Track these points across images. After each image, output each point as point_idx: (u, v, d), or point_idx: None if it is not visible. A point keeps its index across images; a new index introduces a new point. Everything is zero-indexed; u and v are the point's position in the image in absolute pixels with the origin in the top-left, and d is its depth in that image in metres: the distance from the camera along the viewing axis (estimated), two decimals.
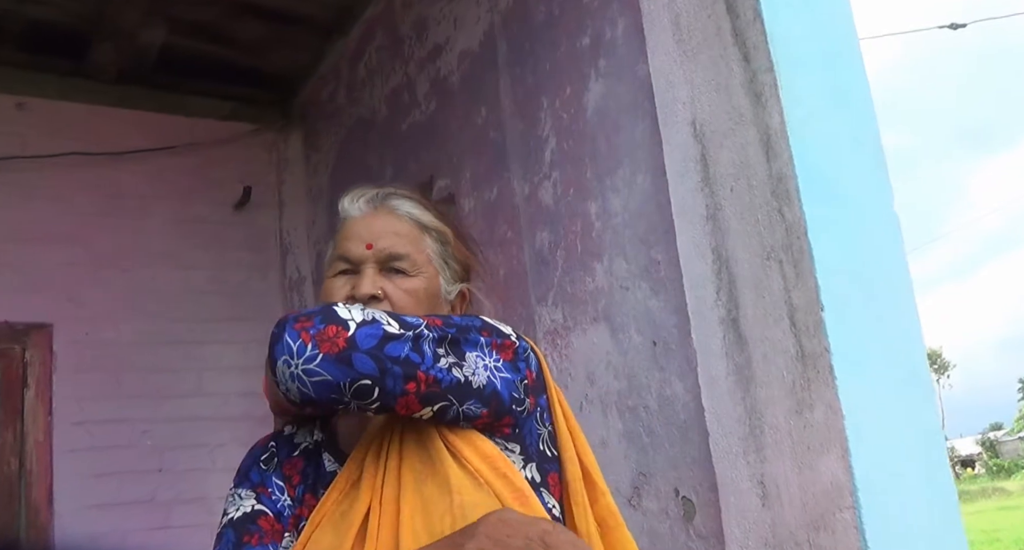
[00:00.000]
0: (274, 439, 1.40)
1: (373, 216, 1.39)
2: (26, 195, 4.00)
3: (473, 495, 1.16)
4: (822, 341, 1.76)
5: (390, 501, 1.19)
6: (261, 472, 1.35)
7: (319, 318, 1.14)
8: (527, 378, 1.26)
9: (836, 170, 1.91)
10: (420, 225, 1.40)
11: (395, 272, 1.35)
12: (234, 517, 1.29)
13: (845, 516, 1.69)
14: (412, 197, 1.43)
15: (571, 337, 2.57)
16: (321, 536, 1.20)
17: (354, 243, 1.36)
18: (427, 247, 1.39)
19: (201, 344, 4.21)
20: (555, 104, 2.70)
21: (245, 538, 1.27)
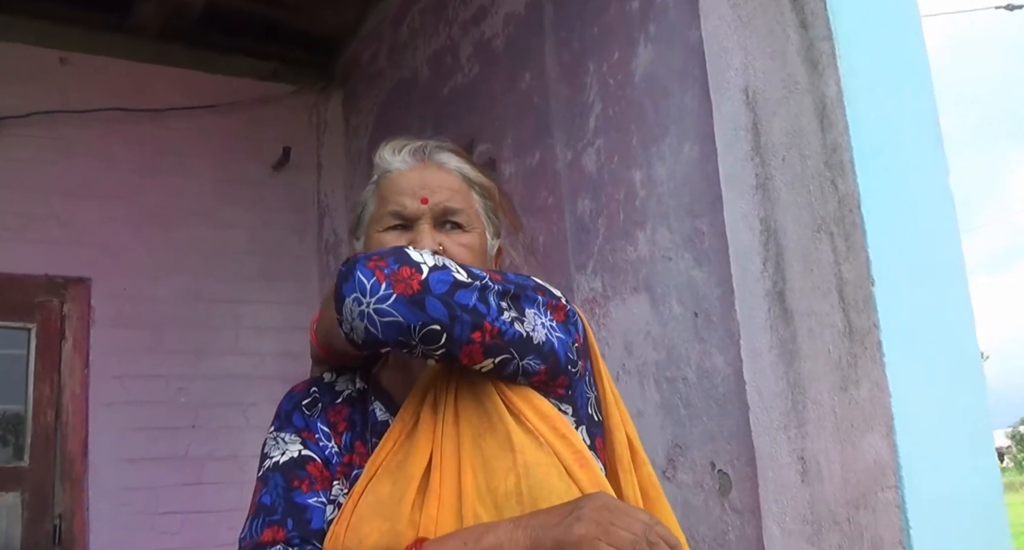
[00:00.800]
0: (315, 385, 1.36)
1: (423, 169, 1.35)
2: (67, 150, 4.01)
3: (535, 454, 1.14)
4: (871, 316, 1.72)
5: (450, 455, 1.17)
6: (304, 417, 1.31)
7: (392, 259, 1.11)
8: (576, 341, 1.24)
9: (892, 142, 1.86)
10: (468, 180, 1.37)
11: (451, 226, 1.32)
12: (279, 461, 1.26)
13: (887, 495, 1.65)
14: (457, 151, 1.40)
15: (610, 306, 2.54)
16: (378, 486, 1.17)
17: (408, 198, 1.32)
18: (475, 202, 1.36)
19: (238, 303, 4.23)
20: (602, 69, 2.65)
21: (295, 483, 1.23)
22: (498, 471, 1.13)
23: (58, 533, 3.65)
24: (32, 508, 3.66)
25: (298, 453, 1.27)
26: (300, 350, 4.59)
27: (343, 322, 1.11)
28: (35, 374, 3.80)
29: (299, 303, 4.34)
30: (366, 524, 1.15)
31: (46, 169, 3.96)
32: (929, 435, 1.69)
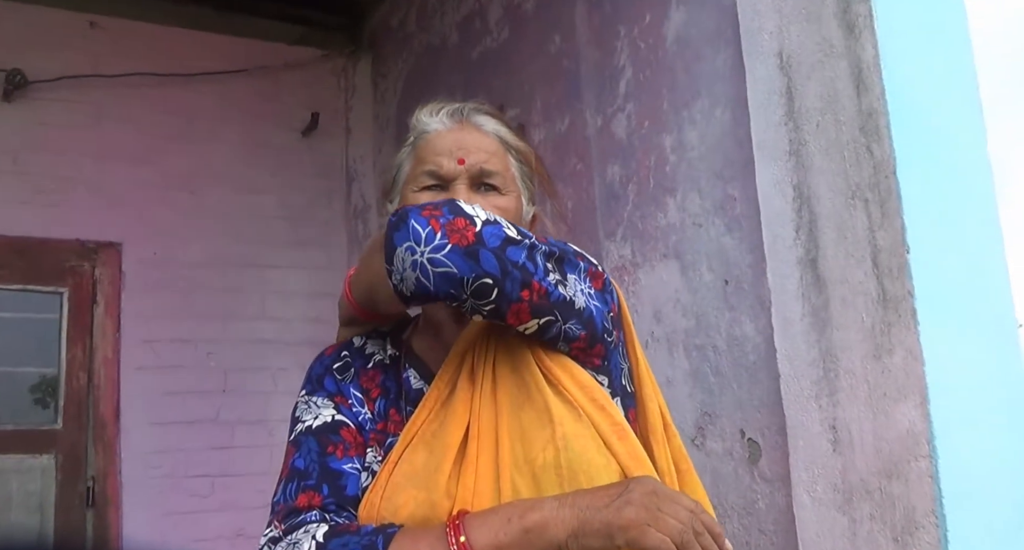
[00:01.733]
0: (345, 349, 1.35)
1: (460, 130, 1.33)
2: (97, 114, 4.02)
3: (574, 426, 1.13)
4: (906, 284, 1.70)
5: (487, 425, 1.15)
6: (336, 381, 1.30)
7: (447, 209, 1.09)
8: (612, 310, 1.23)
9: (929, 108, 1.82)
10: (505, 143, 1.35)
11: (486, 189, 1.30)
12: (312, 425, 1.25)
13: (920, 465, 1.64)
14: (495, 114, 1.38)
15: (639, 274, 2.52)
16: (414, 455, 1.16)
17: (444, 158, 1.30)
18: (512, 165, 1.34)
19: (266, 268, 4.24)
20: (633, 33, 2.62)
21: (329, 449, 1.22)
22: (536, 442, 1.11)
23: (91, 495, 3.71)
24: (65, 470, 3.71)
25: (331, 417, 1.26)
26: (328, 316, 4.60)
27: (392, 273, 1.08)
28: (67, 338, 3.84)
29: (327, 269, 4.35)
30: (402, 493, 1.14)
31: (76, 133, 3.98)
32: (963, 404, 1.67)
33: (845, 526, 1.76)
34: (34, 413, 3.85)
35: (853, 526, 1.75)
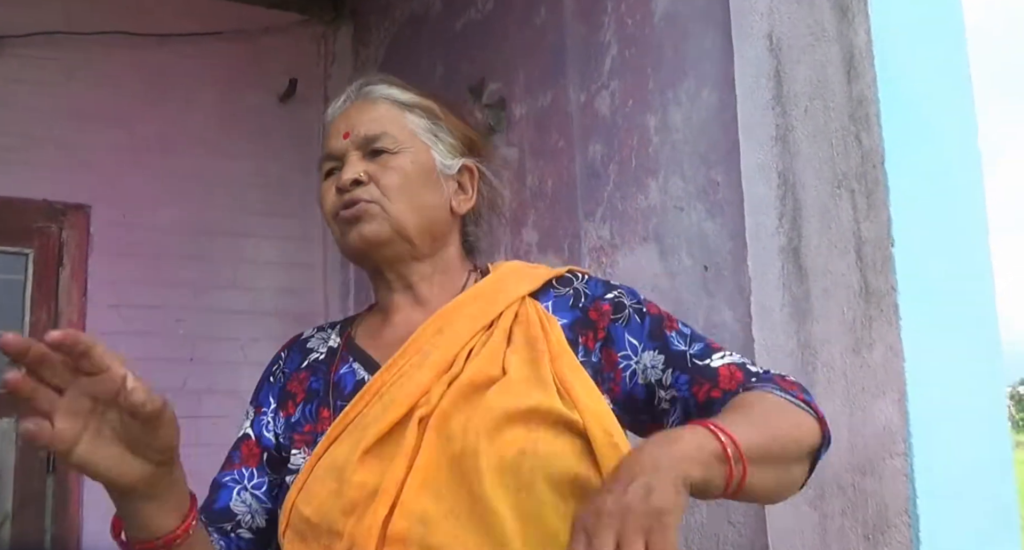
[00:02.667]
0: (291, 347, 1.36)
1: (350, 108, 1.31)
2: (68, 73, 3.92)
3: (555, 438, 1.08)
4: (889, 278, 1.66)
5: (443, 416, 1.10)
6: (268, 386, 1.31)
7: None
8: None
9: (921, 97, 1.78)
10: (399, 103, 1.30)
11: (378, 153, 1.26)
12: (235, 440, 1.29)
13: (895, 463, 1.61)
14: (387, 79, 1.34)
15: (617, 256, 2.48)
16: (338, 448, 1.14)
17: (334, 138, 1.28)
18: (410, 123, 1.29)
19: (239, 236, 4.16)
20: (620, 8, 2.55)
21: (226, 465, 1.26)
22: (498, 441, 1.06)
23: (51, 461, 3.64)
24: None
25: (243, 431, 1.29)
26: (300, 287, 4.56)
27: None
28: (32, 301, 3.75)
29: (301, 239, 4.28)
30: (317, 484, 1.12)
31: (47, 92, 3.88)
32: (942, 403, 1.64)
33: (816, 521, 1.73)
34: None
35: (824, 522, 1.72)
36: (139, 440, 0.93)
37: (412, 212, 1.24)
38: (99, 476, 0.94)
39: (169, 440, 0.95)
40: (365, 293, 4.06)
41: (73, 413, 0.91)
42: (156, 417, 0.91)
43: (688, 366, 1.19)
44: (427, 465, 1.07)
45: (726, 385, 1.17)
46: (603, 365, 1.20)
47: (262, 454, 1.25)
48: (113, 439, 0.93)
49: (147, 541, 1.02)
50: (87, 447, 0.92)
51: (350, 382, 1.23)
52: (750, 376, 1.18)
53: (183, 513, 1.03)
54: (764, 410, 1.09)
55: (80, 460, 0.92)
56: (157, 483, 0.98)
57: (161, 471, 0.97)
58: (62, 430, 0.90)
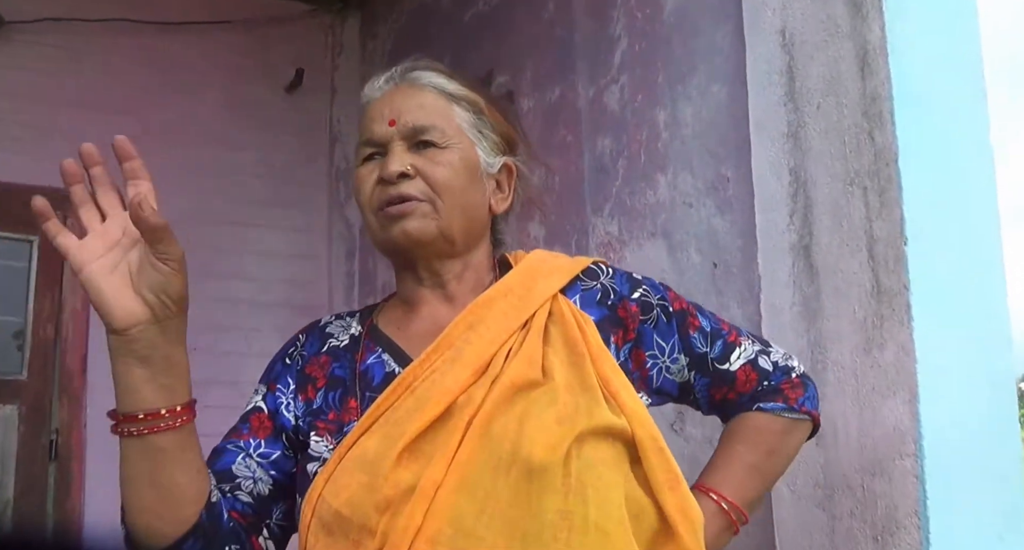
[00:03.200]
0: (309, 331, 1.33)
1: (394, 92, 1.27)
2: (74, 60, 3.90)
3: (601, 443, 1.09)
4: (902, 277, 1.64)
5: (485, 418, 1.08)
6: (284, 366, 1.28)
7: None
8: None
9: (935, 94, 1.77)
10: (446, 95, 1.26)
11: (425, 146, 1.23)
12: (242, 414, 1.27)
13: (905, 464, 1.59)
14: (434, 66, 1.30)
15: (625, 252, 2.46)
16: (368, 441, 1.11)
17: (377, 123, 1.24)
18: (457, 116, 1.26)
19: (244, 226, 4.14)
20: (630, 2, 2.53)
21: (230, 435, 1.24)
22: (540, 439, 1.05)
23: (54, 447, 3.63)
24: (29, 421, 3.63)
25: (253, 405, 1.26)
26: (304, 278, 4.54)
27: None
28: (36, 288, 3.73)
29: (306, 230, 4.26)
30: (346, 475, 1.09)
31: (53, 79, 3.85)
32: (953, 404, 1.62)
33: (824, 522, 1.72)
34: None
35: (832, 522, 1.71)
36: (148, 281, 1.01)
37: (459, 211, 1.22)
38: (100, 299, 1.01)
39: (175, 285, 1.02)
40: (370, 285, 4.05)
41: (103, 237, 1.04)
42: (156, 230, 0.99)
43: (709, 369, 1.30)
44: (467, 465, 1.06)
45: (742, 388, 1.31)
46: (631, 364, 1.23)
47: (277, 430, 1.22)
48: (125, 274, 1.03)
49: (131, 414, 1.04)
50: (100, 268, 1.02)
51: (379, 373, 1.21)
52: (763, 378, 1.32)
53: (174, 399, 1.05)
54: (764, 450, 1.31)
55: (89, 278, 1.02)
56: (152, 343, 1.02)
57: (157, 328, 1.02)
58: (86, 244, 1.04)
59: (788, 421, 1.32)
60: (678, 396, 1.32)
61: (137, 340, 1.01)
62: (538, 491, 1.03)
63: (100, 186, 1.07)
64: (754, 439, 1.30)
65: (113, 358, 1.04)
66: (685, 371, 1.29)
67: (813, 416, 1.35)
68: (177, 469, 1.06)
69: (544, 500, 1.03)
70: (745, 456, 1.29)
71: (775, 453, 1.32)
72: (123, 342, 1.02)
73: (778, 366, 1.34)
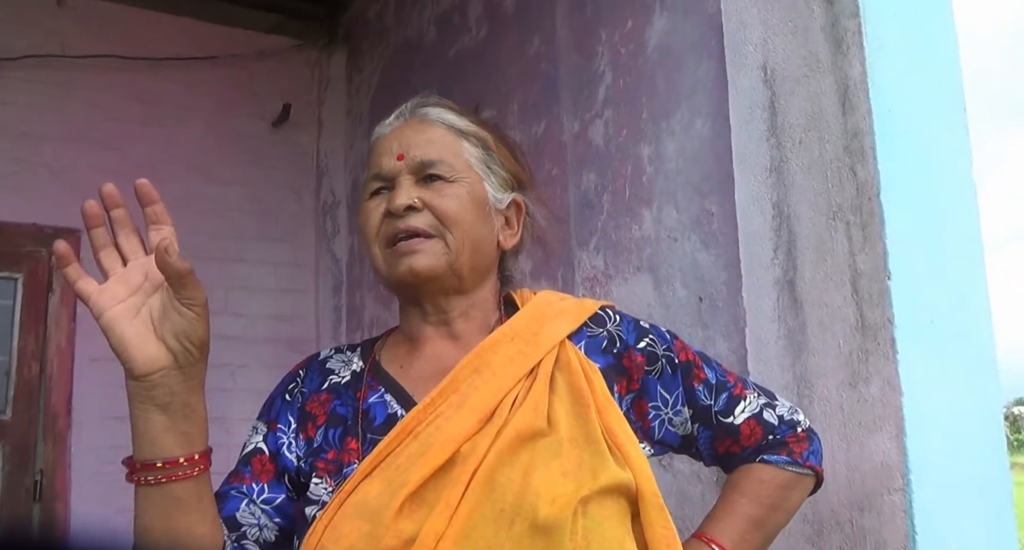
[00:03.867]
0: (308, 365, 1.30)
1: (404, 128, 1.27)
2: (63, 96, 3.91)
3: (603, 499, 1.08)
4: (886, 311, 1.64)
5: (489, 468, 1.07)
6: (283, 404, 1.26)
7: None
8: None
9: (917, 129, 1.78)
10: (455, 130, 1.27)
11: (433, 179, 1.22)
12: (242, 454, 1.23)
13: (894, 499, 1.59)
14: (444, 103, 1.31)
15: (611, 286, 2.46)
16: (370, 486, 1.09)
17: (386, 157, 1.24)
18: (465, 152, 1.26)
19: (231, 262, 4.14)
20: (614, 38, 2.55)
21: (232, 479, 1.22)
22: (545, 494, 1.04)
23: (39, 488, 3.60)
24: (13, 462, 3.60)
25: (254, 446, 1.23)
26: (292, 313, 4.52)
27: None
28: (20, 325, 3.72)
29: (293, 265, 4.26)
30: (347, 523, 1.07)
31: (39, 115, 3.86)
32: (940, 437, 1.62)
33: None
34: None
35: None
36: (172, 327, 1.00)
37: (468, 245, 1.22)
38: (121, 345, 1.00)
39: (199, 331, 1.01)
40: (357, 319, 4.04)
41: (125, 282, 1.03)
42: (181, 275, 0.98)
43: (713, 423, 1.28)
44: (469, 517, 1.04)
45: (746, 442, 1.30)
46: (633, 414, 1.22)
47: (279, 472, 1.20)
48: (147, 319, 1.02)
49: (149, 462, 1.02)
50: (121, 313, 1.01)
51: (381, 413, 1.19)
52: (768, 432, 1.31)
53: (192, 447, 1.03)
54: (767, 504, 1.29)
55: (110, 322, 1.00)
56: (172, 390, 1.01)
57: (179, 374, 1.01)
58: (107, 288, 1.02)
59: (792, 475, 1.31)
60: (679, 447, 1.30)
61: (158, 386, 1.01)
62: (543, 547, 1.02)
63: (122, 229, 1.06)
64: (757, 491, 1.29)
65: (132, 404, 1.02)
66: (688, 424, 1.28)
67: (817, 471, 1.35)
68: (194, 518, 1.05)
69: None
70: (747, 508, 1.28)
71: (777, 507, 1.30)
72: (143, 388, 1.01)
73: (783, 420, 1.33)
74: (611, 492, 1.08)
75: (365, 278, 4.04)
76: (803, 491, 1.34)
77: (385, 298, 3.85)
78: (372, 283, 3.98)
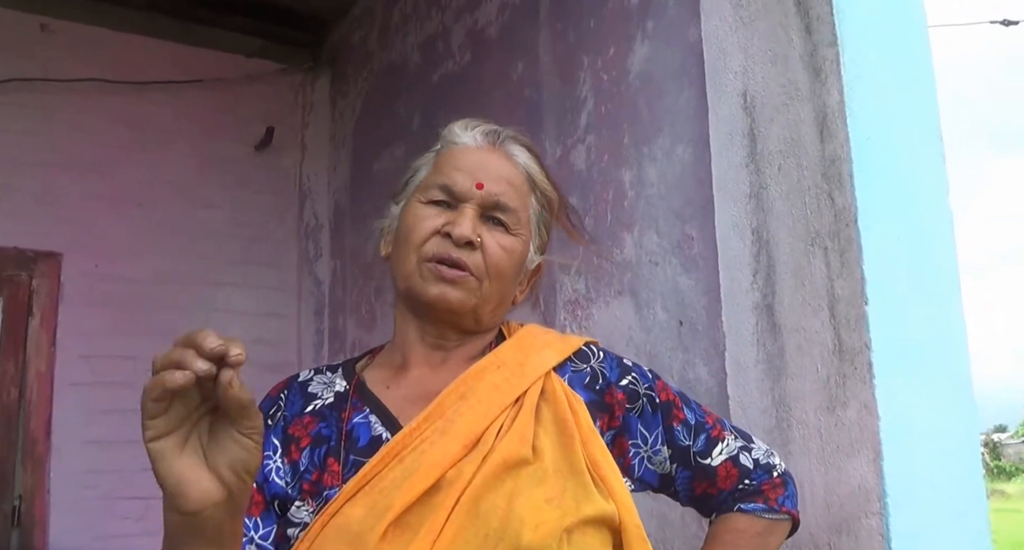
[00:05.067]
0: (288, 387, 1.29)
1: (489, 153, 1.26)
2: (46, 120, 3.91)
3: (588, 528, 1.09)
4: (863, 336, 1.66)
5: (474, 494, 1.07)
6: (266, 429, 1.23)
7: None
8: None
9: (894, 157, 1.80)
10: (531, 181, 1.28)
11: (495, 222, 1.23)
12: None
13: (871, 522, 1.60)
14: (531, 148, 1.31)
15: (592, 309, 2.47)
16: (352, 509, 1.09)
17: (463, 175, 1.23)
18: (530, 207, 1.27)
19: (213, 285, 4.13)
20: (596, 64, 2.58)
21: None
22: (530, 520, 1.04)
23: (17, 514, 3.56)
24: None
25: None
26: (274, 337, 4.51)
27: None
28: (0, 349, 3.70)
29: (276, 289, 4.26)
30: (329, 546, 1.07)
31: (21, 139, 3.86)
32: (917, 461, 1.63)
33: None
34: None
35: None
36: (229, 458, 0.90)
37: (496, 297, 1.24)
38: (172, 480, 0.89)
39: (256, 461, 0.91)
40: (339, 342, 4.03)
41: (175, 411, 0.91)
42: (245, 405, 0.89)
43: (691, 464, 1.30)
44: (453, 543, 1.04)
45: (722, 484, 1.32)
46: (614, 450, 1.22)
47: (268, 501, 1.18)
48: (198, 449, 0.91)
49: None
50: (172, 445, 0.90)
51: (365, 435, 1.18)
52: (744, 476, 1.33)
53: None
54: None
55: (160, 454, 0.89)
56: (221, 522, 0.92)
57: (231, 506, 0.92)
58: (162, 420, 0.89)
59: (768, 522, 1.33)
60: (658, 487, 1.32)
61: (209, 520, 0.92)
62: None
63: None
64: (736, 542, 1.31)
65: (174, 540, 0.93)
66: (667, 463, 1.29)
67: (793, 515, 1.38)
68: None
69: None
70: None
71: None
72: (192, 524, 0.91)
73: (759, 464, 1.35)
74: (594, 523, 1.08)
75: (348, 302, 4.04)
76: (780, 536, 1.36)
77: (367, 322, 3.85)
78: (354, 306, 3.98)
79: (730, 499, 1.33)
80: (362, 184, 4.05)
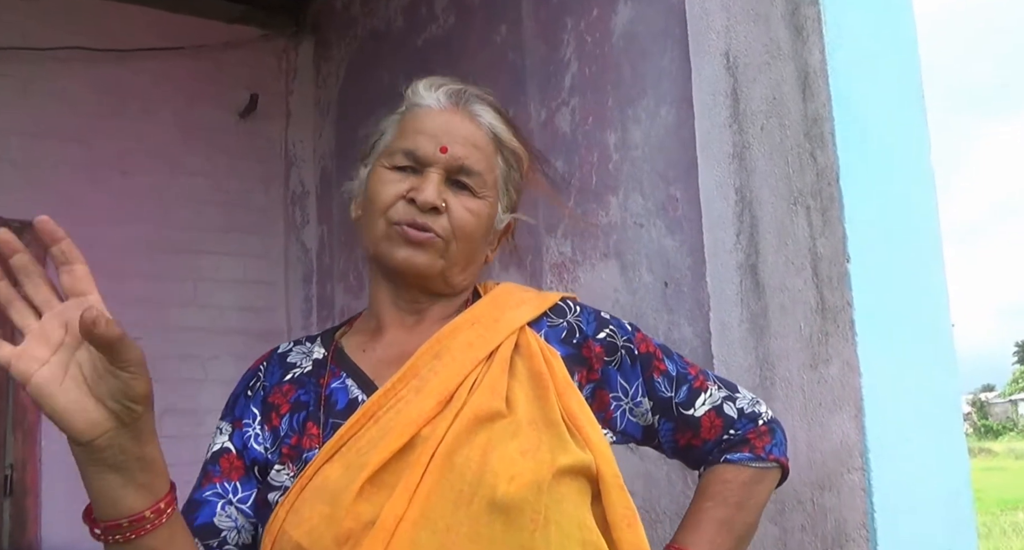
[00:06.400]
0: (268, 359, 1.30)
1: (453, 114, 1.24)
2: (24, 89, 3.87)
3: (566, 477, 1.10)
4: (845, 294, 1.67)
5: (448, 449, 1.08)
6: (246, 401, 1.25)
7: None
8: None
9: (875, 116, 1.80)
10: (497, 141, 1.26)
11: (460, 186, 1.22)
12: (208, 455, 1.22)
13: (853, 478, 1.62)
14: (496, 106, 1.29)
15: (579, 272, 2.48)
16: (330, 469, 1.10)
17: (427, 139, 1.21)
18: (497, 167, 1.26)
19: (199, 254, 4.12)
20: (579, 26, 2.57)
21: (204, 481, 1.20)
22: (504, 473, 1.05)
23: (9, 482, 3.58)
24: None
25: (220, 446, 1.22)
26: (262, 304, 4.51)
27: None
28: None
29: (262, 256, 4.25)
30: (307, 506, 1.08)
31: (3, 108, 3.82)
32: (899, 417, 1.65)
33: (776, 536, 1.74)
34: None
35: (784, 536, 1.73)
36: (105, 385, 0.89)
37: (464, 259, 1.23)
38: (56, 412, 0.88)
39: (138, 388, 0.89)
40: (327, 309, 4.04)
41: (44, 339, 0.90)
42: (113, 344, 0.85)
43: (674, 414, 1.29)
44: (428, 498, 1.05)
45: (707, 435, 1.31)
46: (594, 404, 1.22)
47: (249, 467, 1.19)
48: (78, 378, 0.90)
49: (113, 520, 0.94)
50: (49, 377, 0.88)
51: (343, 399, 1.19)
52: (728, 426, 1.32)
53: (155, 496, 0.96)
54: (734, 503, 1.29)
55: (39, 389, 0.88)
56: (122, 448, 0.91)
57: (126, 432, 0.91)
58: (26, 350, 0.89)
59: (756, 471, 1.32)
60: (642, 439, 1.31)
61: (106, 448, 0.90)
62: (502, 526, 1.03)
63: (28, 278, 0.93)
64: (722, 493, 1.30)
65: (81, 468, 0.93)
66: (649, 415, 1.28)
67: (781, 463, 1.35)
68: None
69: (508, 536, 1.03)
70: (714, 511, 1.28)
71: (743, 505, 1.31)
72: (90, 452, 0.90)
73: (744, 413, 1.34)
74: (571, 472, 1.09)
75: (335, 268, 4.04)
76: (768, 485, 1.35)
77: (355, 288, 3.85)
78: (342, 273, 3.98)
79: (716, 450, 1.33)
80: (348, 150, 4.03)
